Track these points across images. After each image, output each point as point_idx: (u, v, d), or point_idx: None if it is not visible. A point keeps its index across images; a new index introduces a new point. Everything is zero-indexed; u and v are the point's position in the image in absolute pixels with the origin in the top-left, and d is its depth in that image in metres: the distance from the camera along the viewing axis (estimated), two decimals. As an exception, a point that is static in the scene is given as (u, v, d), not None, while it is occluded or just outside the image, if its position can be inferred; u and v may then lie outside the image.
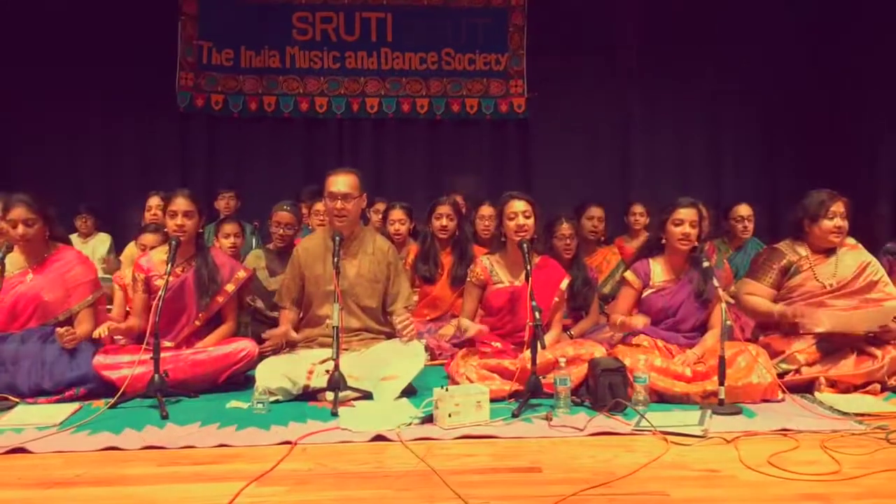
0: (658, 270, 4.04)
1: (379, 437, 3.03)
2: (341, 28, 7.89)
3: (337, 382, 3.43)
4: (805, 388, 3.74)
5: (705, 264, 3.76)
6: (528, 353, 3.55)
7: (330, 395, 3.45)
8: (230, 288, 4.06)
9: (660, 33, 7.89)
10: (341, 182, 3.94)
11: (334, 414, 3.32)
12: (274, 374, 3.60)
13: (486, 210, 5.58)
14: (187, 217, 3.93)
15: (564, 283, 4.11)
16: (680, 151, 8.16)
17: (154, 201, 5.67)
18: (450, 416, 3.14)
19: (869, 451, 2.86)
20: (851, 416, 3.29)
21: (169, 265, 3.70)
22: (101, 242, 6.55)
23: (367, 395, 3.59)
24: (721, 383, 3.40)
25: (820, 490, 2.50)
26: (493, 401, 3.37)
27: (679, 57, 7.91)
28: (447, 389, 3.20)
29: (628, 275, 4.08)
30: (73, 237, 6.37)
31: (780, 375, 3.73)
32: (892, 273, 4.24)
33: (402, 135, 7.99)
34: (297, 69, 7.83)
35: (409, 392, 3.70)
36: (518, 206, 3.97)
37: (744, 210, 5.94)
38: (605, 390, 3.42)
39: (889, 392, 3.72)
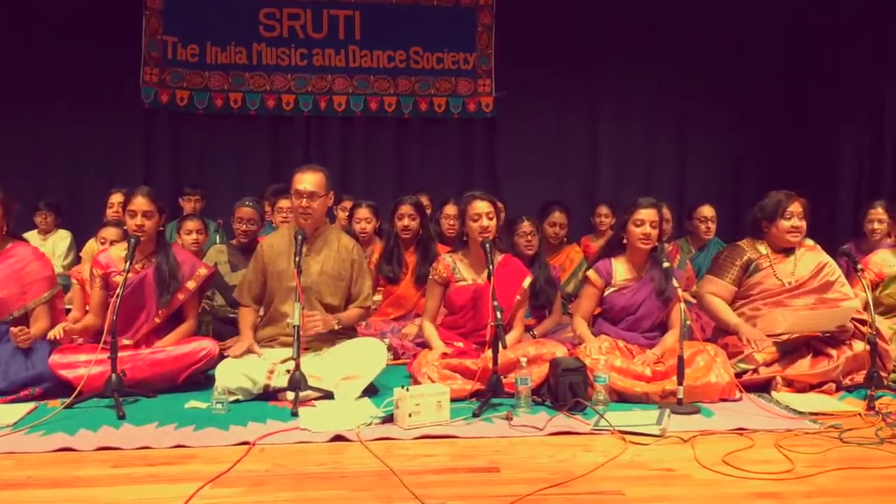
0: (620, 270, 4.07)
1: (338, 438, 3.02)
2: (309, 25, 7.84)
3: (298, 382, 3.41)
4: (762, 387, 3.80)
5: (665, 264, 3.81)
6: (489, 353, 3.56)
7: (291, 395, 3.42)
8: (191, 285, 4.01)
9: (628, 34, 7.95)
10: (307, 180, 3.91)
11: (294, 414, 3.30)
12: (234, 373, 3.57)
13: (452, 209, 5.58)
14: (146, 217, 3.87)
15: (527, 282, 4.12)
16: (647, 152, 8.23)
17: (116, 198, 5.58)
18: (410, 415, 3.14)
19: (822, 449, 2.91)
20: (806, 416, 3.34)
21: (128, 263, 3.64)
22: (61, 239, 6.44)
23: (328, 395, 3.57)
24: (680, 383, 3.44)
25: (773, 489, 2.53)
26: (454, 400, 3.38)
27: (647, 58, 7.97)
28: (408, 389, 3.20)
29: (590, 274, 4.11)
30: (33, 234, 6.27)
31: (738, 375, 3.78)
32: (848, 274, 4.31)
33: (369, 133, 7.95)
34: (263, 66, 7.76)
35: (370, 392, 3.69)
36: (481, 206, 3.97)
37: (707, 211, 6.03)
38: (565, 390, 3.44)
39: (844, 391, 3.79)
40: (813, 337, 3.91)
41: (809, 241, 4.19)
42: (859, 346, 3.83)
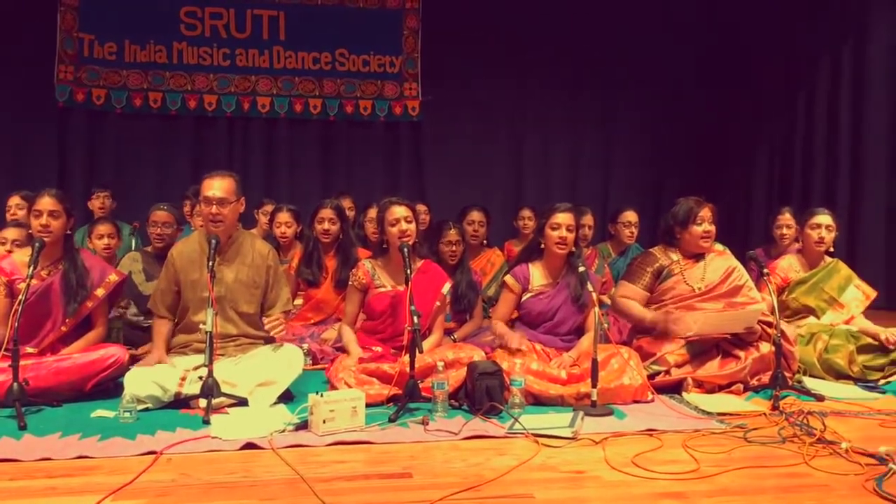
0: (537, 275, 4.12)
1: (250, 445, 2.96)
2: (232, 25, 7.73)
3: (210, 389, 3.33)
4: (674, 388, 3.89)
5: (581, 269, 3.87)
6: (407, 357, 3.55)
7: (203, 402, 3.35)
8: (100, 293, 3.88)
9: (554, 41, 8.07)
10: (217, 186, 3.83)
11: (206, 422, 3.23)
12: (143, 380, 3.47)
13: (375, 213, 5.55)
14: (52, 217, 3.74)
15: (446, 288, 4.13)
16: (571, 157, 8.37)
17: (14, 201, 5.37)
18: (324, 422, 3.10)
19: (727, 449, 2.99)
20: (714, 416, 3.44)
21: (31, 268, 3.51)
22: (-33, 243, 6.17)
23: (242, 402, 3.50)
24: (594, 385, 3.49)
25: (677, 489, 2.59)
26: (371, 405, 3.37)
27: (571, 64, 8.11)
28: (322, 395, 3.16)
29: (508, 279, 4.15)
30: (-65, 237, 5.98)
31: (651, 377, 3.86)
32: (756, 279, 4.44)
33: (294, 135, 7.89)
34: (184, 65, 7.62)
35: (286, 398, 3.64)
36: (399, 211, 3.97)
37: (631, 216, 6.14)
38: (482, 394, 3.45)
39: (751, 392, 3.91)
40: (722, 339, 4.02)
41: (719, 247, 4.33)
42: (766, 347, 3.96)
